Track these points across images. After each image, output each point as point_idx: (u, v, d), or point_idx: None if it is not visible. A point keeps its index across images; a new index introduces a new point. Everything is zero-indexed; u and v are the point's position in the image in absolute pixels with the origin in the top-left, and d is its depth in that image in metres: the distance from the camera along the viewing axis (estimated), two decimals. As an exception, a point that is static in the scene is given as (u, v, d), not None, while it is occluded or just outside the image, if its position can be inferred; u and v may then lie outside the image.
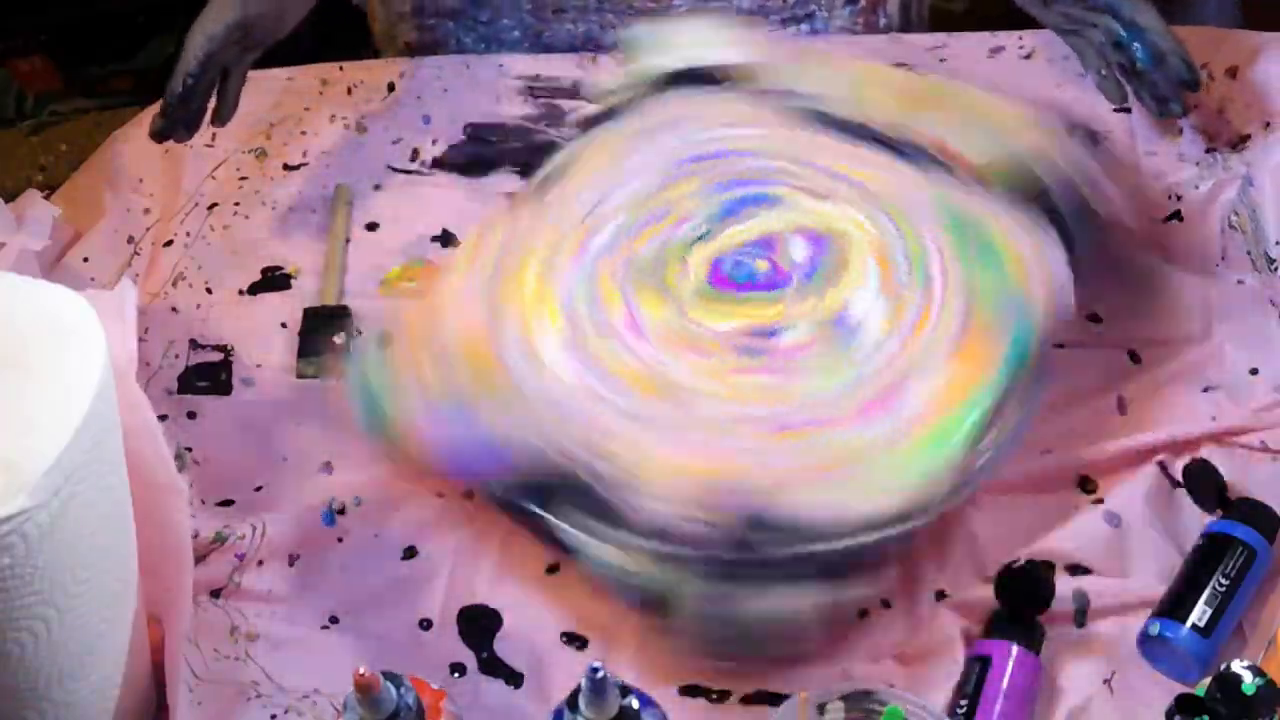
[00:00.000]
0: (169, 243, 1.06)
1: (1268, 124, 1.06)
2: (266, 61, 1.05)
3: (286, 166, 1.10)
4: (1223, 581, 0.82)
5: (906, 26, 1.21)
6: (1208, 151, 1.06)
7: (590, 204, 0.96)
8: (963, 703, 0.80)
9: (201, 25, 0.96)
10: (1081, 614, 0.85)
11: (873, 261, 0.92)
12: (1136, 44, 1.02)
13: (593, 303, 0.91)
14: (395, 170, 1.09)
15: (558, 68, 1.14)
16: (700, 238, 0.94)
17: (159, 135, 0.97)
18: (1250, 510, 0.86)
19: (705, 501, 0.82)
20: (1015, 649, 0.81)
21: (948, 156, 0.97)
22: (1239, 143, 1.06)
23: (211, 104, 0.99)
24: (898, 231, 0.93)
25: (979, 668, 0.81)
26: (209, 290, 1.03)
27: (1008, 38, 1.14)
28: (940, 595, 0.86)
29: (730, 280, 0.92)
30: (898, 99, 1.01)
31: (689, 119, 1.01)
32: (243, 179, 1.09)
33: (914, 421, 0.84)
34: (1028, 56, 1.13)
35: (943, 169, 0.96)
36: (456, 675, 0.84)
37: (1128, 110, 1.08)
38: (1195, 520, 0.88)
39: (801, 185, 0.96)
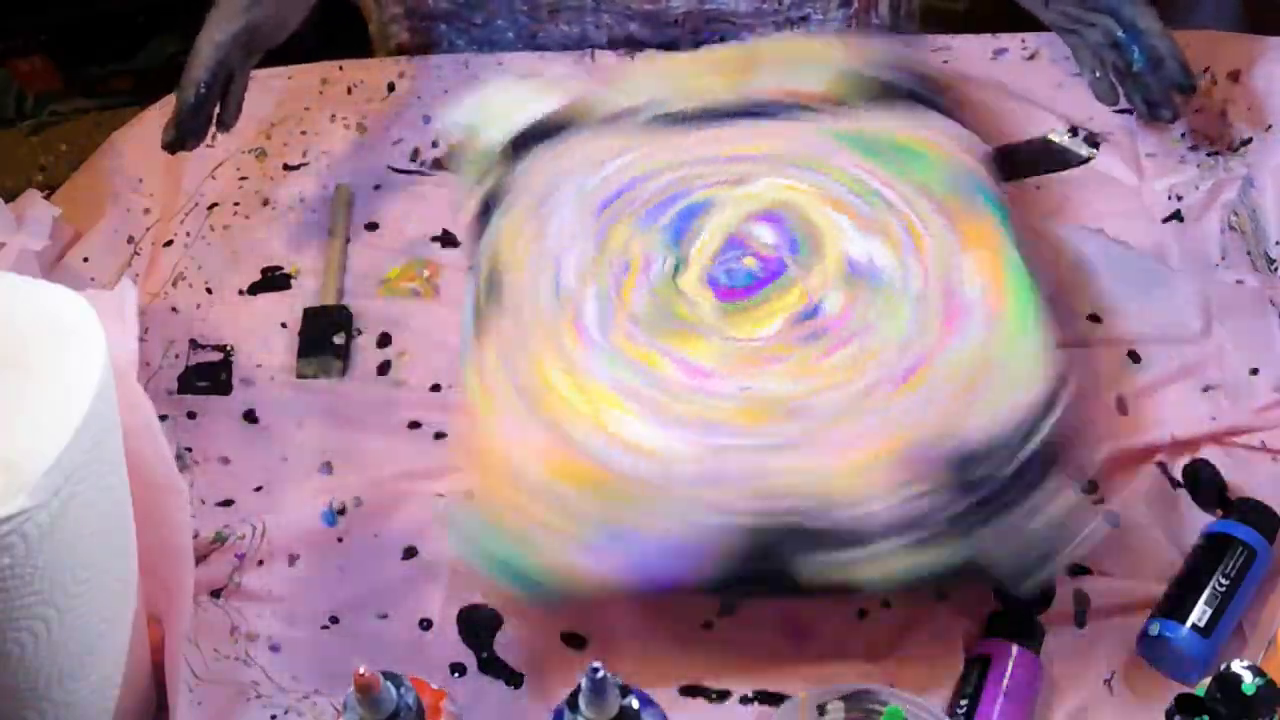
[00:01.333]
0: (169, 243, 1.06)
1: (1269, 126, 1.06)
2: (267, 60, 1.05)
3: (286, 166, 1.10)
4: (1223, 581, 0.82)
5: (896, 26, 1.21)
6: (1209, 155, 1.06)
7: (550, 289, 0.91)
8: (963, 703, 0.80)
9: (208, 33, 0.96)
10: (1081, 614, 0.85)
11: (831, 211, 0.93)
12: (1134, 46, 1.02)
13: (640, 373, 0.86)
14: (395, 170, 1.09)
15: (557, 67, 1.14)
16: (676, 268, 0.92)
17: (172, 146, 0.96)
18: (1250, 510, 0.86)
19: (909, 474, 0.80)
20: (1015, 649, 0.81)
21: (802, 98, 1.00)
22: (1240, 146, 1.06)
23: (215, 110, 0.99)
24: (826, 176, 0.95)
25: (979, 668, 0.81)
26: (209, 290, 1.03)
27: (1010, 39, 1.14)
28: (940, 595, 0.86)
29: (736, 289, 0.91)
30: (722, 74, 1.04)
31: (570, 171, 0.97)
32: (243, 179, 1.09)
33: (992, 310, 0.87)
34: (1031, 58, 1.13)
35: (806, 110, 0.99)
36: (456, 675, 0.84)
37: (1129, 111, 1.07)
38: (1195, 520, 0.88)
39: (717, 180, 0.96)
